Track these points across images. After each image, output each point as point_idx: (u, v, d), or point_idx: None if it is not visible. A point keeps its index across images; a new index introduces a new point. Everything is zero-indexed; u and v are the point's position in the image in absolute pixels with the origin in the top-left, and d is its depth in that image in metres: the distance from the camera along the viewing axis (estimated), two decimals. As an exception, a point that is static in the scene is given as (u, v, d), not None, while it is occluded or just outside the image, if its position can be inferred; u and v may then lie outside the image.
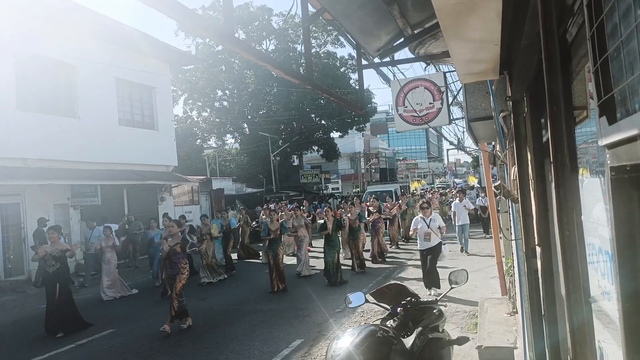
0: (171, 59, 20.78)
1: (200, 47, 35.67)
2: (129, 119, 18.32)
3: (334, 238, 11.64)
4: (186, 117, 38.54)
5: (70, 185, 15.38)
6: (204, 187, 25.71)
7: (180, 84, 35.57)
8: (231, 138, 41.52)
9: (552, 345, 2.92)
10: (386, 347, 2.95)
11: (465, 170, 71.16)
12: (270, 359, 6.62)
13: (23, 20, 13.61)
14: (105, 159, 16.37)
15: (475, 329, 6.88)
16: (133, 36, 17.06)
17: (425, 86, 6.76)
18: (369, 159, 50.75)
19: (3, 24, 13.06)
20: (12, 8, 13.35)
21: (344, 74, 37.65)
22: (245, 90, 35.92)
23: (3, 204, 13.80)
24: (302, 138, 37.40)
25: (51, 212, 14.85)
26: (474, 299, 8.73)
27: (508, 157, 4.18)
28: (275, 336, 7.64)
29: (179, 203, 22.18)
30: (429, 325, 3.34)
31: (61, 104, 15.54)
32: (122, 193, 17.86)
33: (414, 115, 6.65)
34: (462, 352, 5.98)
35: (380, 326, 3.18)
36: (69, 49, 14.78)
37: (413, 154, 77.72)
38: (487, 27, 2.45)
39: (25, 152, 13.76)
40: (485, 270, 11.04)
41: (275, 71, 2.73)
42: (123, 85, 17.88)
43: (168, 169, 20.28)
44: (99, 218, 14.79)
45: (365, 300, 3.70)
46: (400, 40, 4.17)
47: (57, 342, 8.09)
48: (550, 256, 2.94)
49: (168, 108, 20.93)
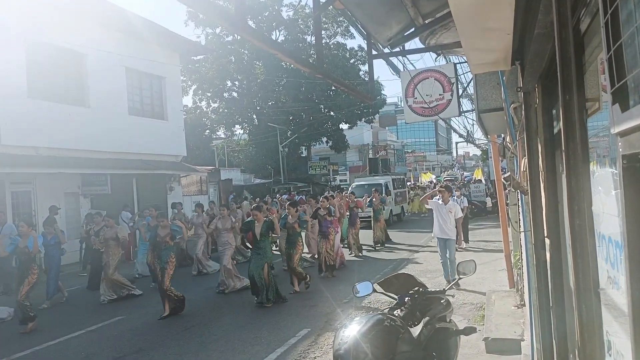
0: (181, 48, 20.80)
1: (210, 38, 35.65)
2: (138, 109, 18.38)
3: (261, 245, 9.00)
4: (195, 107, 38.63)
5: (80, 174, 15.48)
6: (213, 178, 25.82)
7: (189, 75, 35.62)
8: (240, 129, 41.62)
9: (560, 337, 2.92)
10: (393, 336, 2.96)
11: (474, 163, 70.89)
12: (278, 348, 6.66)
13: (34, 8, 13.66)
14: (115, 148, 16.46)
15: (482, 321, 6.88)
16: (143, 26, 17.08)
17: (435, 77, 6.72)
18: (377, 150, 50.69)
19: (15, 12, 13.12)
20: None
21: (354, 66, 37.51)
22: (255, 81, 35.91)
23: (14, 191, 13.94)
24: (311, 129, 37.37)
25: (62, 200, 14.97)
26: (481, 291, 8.73)
27: (518, 148, 4.16)
28: (282, 325, 7.69)
29: (187, 193, 22.30)
30: (436, 315, 3.35)
31: (72, 92, 15.62)
32: (132, 182, 17.96)
33: (424, 106, 6.62)
34: (468, 344, 5.99)
35: (388, 315, 3.18)
36: (80, 38, 14.82)
37: (422, 146, 77.50)
38: (500, 16, 2.43)
39: (36, 140, 13.86)
40: (493, 263, 11.02)
41: (286, 59, 2.73)
42: (133, 74, 17.93)
43: (177, 159, 20.36)
44: (119, 206, 14.87)
45: (373, 289, 3.70)
46: (411, 30, 4.15)
47: (68, 328, 8.18)
48: (559, 248, 2.93)
49: (177, 98, 20.98)
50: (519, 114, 3.77)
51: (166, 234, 8.72)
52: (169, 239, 8.69)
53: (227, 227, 10.95)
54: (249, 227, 9.13)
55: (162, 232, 8.78)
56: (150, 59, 17.85)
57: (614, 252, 1.60)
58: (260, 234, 8.94)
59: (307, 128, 36.96)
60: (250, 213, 11.50)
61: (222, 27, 32.35)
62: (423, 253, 14.06)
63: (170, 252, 8.63)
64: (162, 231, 8.78)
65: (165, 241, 8.66)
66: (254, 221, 9.06)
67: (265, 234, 8.99)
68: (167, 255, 8.57)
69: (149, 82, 19.00)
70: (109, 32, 16.09)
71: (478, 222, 21.09)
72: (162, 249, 8.62)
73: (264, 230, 8.97)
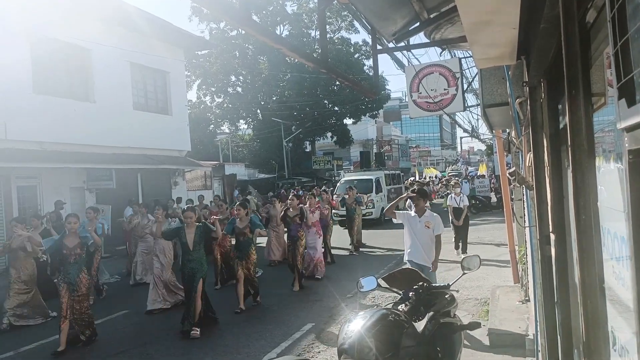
0: (185, 44, 20.79)
1: (214, 33, 35.64)
2: (143, 104, 18.41)
3: (194, 255, 7.26)
4: (199, 102, 38.67)
5: (85, 168, 15.53)
6: (217, 172, 25.88)
7: (194, 69, 35.63)
8: (244, 124, 41.64)
9: (565, 332, 2.92)
10: (397, 331, 2.97)
11: (478, 158, 70.71)
12: (282, 342, 6.68)
13: (39, 3, 13.66)
14: (119, 143, 16.49)
15: (486, 316, 6.89)
16: (148, 21, 17.08)
17: (440, 72, 6.70)
18: (381, 145, 50.59)
19: (19, 7, 13.13)
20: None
21: (358, 60, 37.41)
22: (259, 76, 35.88)
23: (20, 186, 14.00)
24: (315, 124, 37.34)
25: (67, 195, 15.02)
26: (485, 286, 8.73)
27: (523, 143, 4.15)
28: (286, 320, 7.71)
29: (192, 188, 22.33)
30: (440, 310, 3.35)
31: (76, 87, 15.65)
32: (137, 177, 17.99)
33: (429, 101, 6.60)
34: (473, 339, 6.00)
35: (392, 310, 3.19)
36: (85, 33, 14.82)
37: (426, 141, 77.27)
38: (506, 10, 2.42)
39: (41, 135, 13.90)
40: (497, 258, 11.01)
41: (290, 54, 2.73)
42: (137, 69, 17.95)
43: (181, 154, 20.40)
44: (125, 201, 14.88)
45: (377, 284, 3.71)
46: (415, 25, 4.14)
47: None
48: (564, 243, 2.93)
49: (182, 93, 21.01)
50: (525, 108, 3.76)
51: (76, 244, 6.92)
52: (79, 250, 6.92)
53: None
54: (176, 233, 7.46)
55: (68, 241, 6.92)
56: (155, 54, 17.85)
57: (619, 247, 1.60)
58: (194, 242, 7.27)
59: (311, 123, 36.94)
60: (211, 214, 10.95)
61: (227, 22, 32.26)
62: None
63: (82, 265, 6.94)
64: (69, 241, 6.93)
65: (75, 253, 6.87)
66: (183, 226, 7.42)
67: (199, 241, 7.32)
68: (79, 268, 6.89)
69: (153, 77, 19.02)
70: (113, 27, 16.10)
71: (483, 217, 21.07)
72: (71, 263, 6.82)
73: (198, 237, 7.31)
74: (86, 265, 7.19)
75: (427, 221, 6.34)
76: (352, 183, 19.06)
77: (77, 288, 6.76)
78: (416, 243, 6.37)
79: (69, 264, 6.82)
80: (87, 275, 7.04)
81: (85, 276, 6.92)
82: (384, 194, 22.06)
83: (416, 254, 6.44)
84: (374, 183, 21.51)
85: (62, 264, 6.97)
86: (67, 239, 6.94)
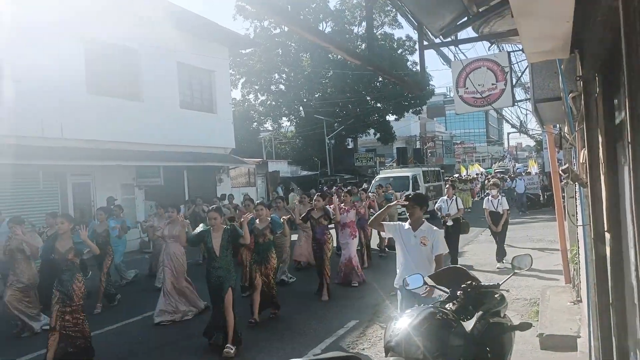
0: (230, 42, 21.13)
1: (257, 31, 36.04)
2: (189, 102, 18.83)
3: (221, 263, 6.40)
4: (243, 100, 39.25)
5: (135, 165, 16.03)
6: (260, 169, 26.18)
7: (238, 68, 36.16)
8: (287, 121, 41.96)
9: (620, 334, 2.83)
10: (445, 330, 2.94)
11: (526, 154, 68.83)
12: (326, 338, 6.71)
13: (91, 7, 14.17)
14: (167, 140, 16.94)
15: (536, 317, 6.71)
16: (194, 21, 17.50)
17: (487, 66, 6.55)
18: (425, 142, 49.99)
19: (73, 10, 13.64)
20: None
21: (401, 56, 37.06)
22: (302, 73, 36.07)
23: (75, 183, 14.61)
24: (358, 121, 37.26)
25: (118, 191, 15.56)
26: (535, 286, 8.51)
27: (577, 139, 4.02)
28: (330, 317, 7.74)
29: (236, 185, 22.69)
30: (490, 309, 3.29)
31: (127, 87, 16.16)
32: (183, 174, 18.43)
33: (476, 96, 6.48)
34: (522, 339, 5.85)
35: (440, 308, 3.16)
36: (134, 35, 15.29)
37: (471, 137, 75.79)
38: (560, 2, 2.35)
39: (95, 134, 14.44)
40: (547, 258, 10.72)
41: (337, 52, 2.74)
42: (184, 69, 18.37)
43: (226, 151, 20.76)
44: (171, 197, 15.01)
45: (424, 282, 3.68)
46: (463, 19, 4.07)
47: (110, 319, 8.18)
48: (620, 243, 2.84)
49: (226, 91, 21.37)
50: (578, 103, 3.64)
51: (68, 248, 6.16)
52: (72, 255, 6.18)
53: (175, 235, 8.22)
54: (201, 238, 6.62)
55: (60, 245, 6.20)
56: (201, 53, 18.22)
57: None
58: (221, 247, 6.42)
59: (353, 120, 36.86)
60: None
61: (276, 22, 32.51)
62: (473, 245, 13.82)
63: (75, 273, 6.18)
64: (61, 245, 6.21)
65: (67, 259, 6.16)
66: (209, 230, 6.56)
67: (227, 247, 6.48)
68: (72, 276, 6.12)
69: (199, 76, 19.42)
70: (161, 28, 16.51)
71: (532, 216, 20.56)
72: (62, 270, 6.14)
73: (225, 242, 6.46)
74: (84, 272, 6.56)
75: (424, 237, 4.93)
76: (388, 181, 18.32)
77: (70, 298, 5.99)
78: (409, 263, 4.94)
79: (60, 270, 6.13)
80: (81, 284, 6.15)
81: (80, 285, 6.10)
82: (421, 191, 20.85)
83: (405, 274, 4.69)
84: (411, 180, 20.51)
85: (54, 271, 6.31)
86: (58, 242, 6.22)
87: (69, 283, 6.02)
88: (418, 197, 5.16)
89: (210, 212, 6.66)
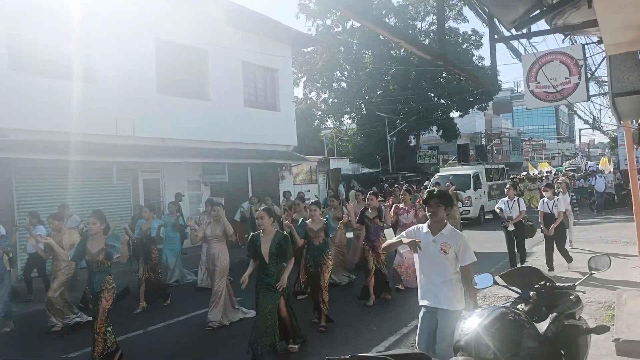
0: (293, 41, 21.38)
1: (320, 29, 36.26)
2: (253, 101, 19.24)
3: (272, 270, 5.84)
4: (305, 98, 39.65)
5: (201, 162, 16.57)
6: (322, 167, 26.39)
7: (300, 66, 36.55)
8: (348, 118, 42.03)
9: None
10: (518, 331, 2.85)
11: (599, 151, 65.46)
12: (390, 336, 6.67)
13: (162, 8, 14.78)
14: (232, 138, 17.39)
15: (611, 321, 6.39)
16: (258, 20, 17.88)
17: (560, 60, 6.27)
18: (490, 139, 48.58)
19: (145, 12, 14.26)
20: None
21: (466, 51, 36.23)
22: (363, 71, 35.98)
23: (146, 179, 15.31)
24: (420, 118, 36.73)
25: (185, 187, 16.15)
26: (610, 289, 8.09)
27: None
28: (393, 315, 7.69)
29: (298, 182, 22.96)
30: (564, 311, 3.16)
31: (195, 87, 16.74)
32: (247, 171, 18.85)
33: (548, 91, 6.21)
34: (596, 344, 5.58)
35: (511, 309, 3.07)
36: (201, 35, 15.83)
37: (540, 133, 72.77)
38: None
39: (164, 132, 15.08)
40: (624, 260, 10.15)
41: (408, 47, 2.72)
42: (248, 68, 18.78)
43: (288, 149, 21.04)
44: (236, 193, 15.31)
45: (494, 282, 3.59)
46: (536, 12, 3.93)
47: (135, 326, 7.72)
48: None
49: (289, 89, 21.68)
50: (663, 96, 3.43)
51: (99, 249, 5.95)
52: (102, 257, 5.95)
53: (218, 234, 7.69)
54: (254, 243, 5.95)
55: (91, 246, 6.02)
56: (265, 52, 18.55)
57: None
58: (270, 254, 5.82)
59: (416, 117, 36.38)
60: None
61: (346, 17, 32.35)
62: (542, 246, 13.27)
63: (105, 275, 5.96)
64: (92, 245, 6.02)
65: (98, 260, 5.94)
66: (259, 235, 5.97)
67: (277, 254, 5.84)
68: (102, 278, 5.93)
69: (263, 74, 19.81)
70: (227, 28, 16.96)
71: (606, 215, 19.54)
72: (93, 271, 5.99)
73: (275, 249, 5.83)
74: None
75: (445, 243, 4.11)
76: (448, 179, 17.10)
77: (99, 301, 5.84)
78: (428, 274, 4.25)
79: (91, 272, 5.98)
80: (111, 287, 5.94)
81: (109, 288, 5.91)
82: (483, 190, 20.26)
83: (427, 293, 4.32)
84: (472, 179, 19.62)
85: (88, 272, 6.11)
86: (90, 242, 6.02)
87: (99, 286, 5.86)
88: (442, 195, 4.26)
89: (259, 211, 6.03)
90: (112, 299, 5.96)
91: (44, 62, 12.27)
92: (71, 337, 7.44)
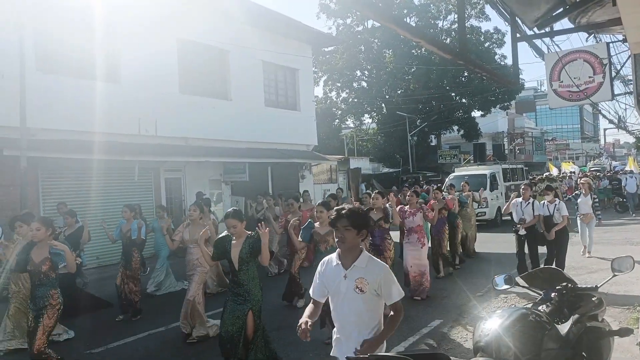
0: (313, 40, 21.41)
1: (340, 29, 36.26)
2: (273, 100, 19.32)
3: (241, 278, 5.17)
4: (325, 97, 39.70)
5: (223, 162, 16.70)
6: (342, 166, 26.36)
7: (320, 66, 36.60)
8: (369, 118, 41.93)
9: None
10: (539, 332, 2.83)
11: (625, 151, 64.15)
12: (410, 336, 6.65)
13: (184, 8, 14.94)
14: (252, 138, 17.50)
15: (635, 324, 6.27)
16: (279, 20, 17.96)
17: (584, 58, 6.17)
18: (513, 139, 47.98)
19: (167, 12, 14.43)
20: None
21: (488, 49, 35.90)
22: (384, 70, 35.87)
23: (168, 178, 15.49)
24: (441, 117, 36.50)
25: (206, 186, 16.29)
26: (634, 291, 7.94)
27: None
28: (413, 315, 7.65)
29: (318, 181, 23.00)
30: (587, 313, 3.13)
31: (216, 87, 16.88)
32: (267, 170, 18.95)
33: (571, 90, 6.12)
34: (620, 347, 5.49)
35: (532, 310, 3.05)
36: (222, 35, 15.94)
37: (564, 133, 71.60)
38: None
39: (186, 131, 15.23)
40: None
41: (428, 47, 2.71)
42: (269, 67, 18.87)
43: (308, 148, 21.09)
44: (256, 192, 14.67)
45: (515, 283, 3.57)
46: (559, 10, 3.88)
47: (113, 337, 7.22)
48: None
49: (309, 89, 21.70)
50: (690, 95, 3.36)
51: (43, 259, 5.09)
52: (47, 267, 5.08)
53: (197, 238, 5.97)
54: (223, 247, 5.21)
55: (35, 255, 5.11)
56: (285, 52, 18.62)
57: None
58: (240, 259, 5.10)
59: (437, 116, 36.16)
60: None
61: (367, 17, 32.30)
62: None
63: (50, 289, 5.10)
64: (36, 254, 5.11)
65: (41, 271, 5.08)
66: (230, 238, 5.20)
67: (247, 259, 5.11)
68: (46, 292, 5.09)
69: (283, 74, 19.87)
70: (248, 28, 17.06)
71: (630, 217, 19.18)
72: (35, 284, 5.14)
73: (245, 254, 5.09)
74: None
75: (360, 278, 3.07)
76: (463, 179, 15.86)
77: (40, 318, 5.00)
78: (343, 316, 3.17)
79: (33, 285, 5.15)
80: (56, 302, 5.09)
81: (54, 304, 5.06)
82: (500, 191, 19.44)
83: (342, 341, 3.20)
84: (489, 179, 18.90)
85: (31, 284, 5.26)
86: (34, 251, 5.13)
87: (43, 301, 5.03)
88: (353, 215, 3.09)
89: (228, 219, 5.13)
90: (57, 317, 5.15)
91: (69, 62, 12.51)
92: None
